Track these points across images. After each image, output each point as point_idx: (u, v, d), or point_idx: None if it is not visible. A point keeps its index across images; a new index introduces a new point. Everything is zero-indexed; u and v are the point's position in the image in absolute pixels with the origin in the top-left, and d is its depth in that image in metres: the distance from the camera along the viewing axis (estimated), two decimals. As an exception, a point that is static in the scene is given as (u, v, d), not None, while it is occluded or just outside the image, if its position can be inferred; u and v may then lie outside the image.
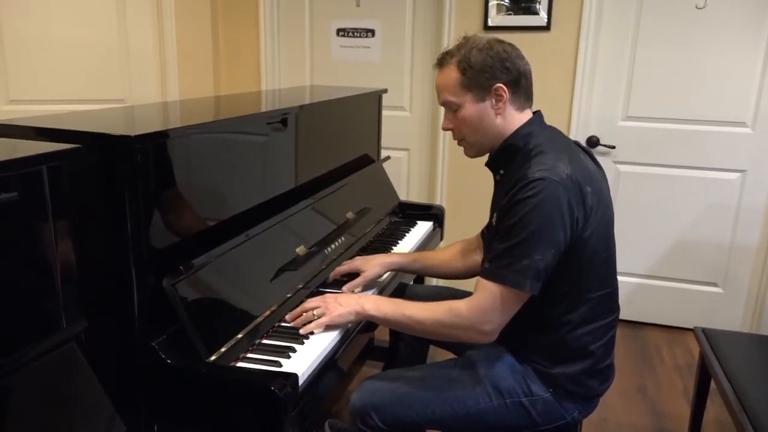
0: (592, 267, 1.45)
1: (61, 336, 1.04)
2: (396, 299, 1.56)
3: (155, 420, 1.31)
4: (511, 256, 1.35)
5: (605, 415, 2.41)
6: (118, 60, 3.06)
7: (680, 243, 3.10)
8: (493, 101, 1.46)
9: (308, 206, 1.88)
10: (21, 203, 0.97)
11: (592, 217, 1.41)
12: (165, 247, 1.34)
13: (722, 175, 2.97)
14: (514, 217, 1.36)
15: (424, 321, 1.45)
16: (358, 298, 1.55)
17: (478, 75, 1.45)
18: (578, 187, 1.38)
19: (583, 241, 1.41)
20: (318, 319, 1.50)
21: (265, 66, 3.41)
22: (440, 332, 1.46)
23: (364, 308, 1.50)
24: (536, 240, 1.34)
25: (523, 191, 1.36)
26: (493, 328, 1.39)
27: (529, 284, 1.35)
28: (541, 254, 1.34)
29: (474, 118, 1.48)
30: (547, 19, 2.95)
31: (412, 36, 3.25)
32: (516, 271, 1.35)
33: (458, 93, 1.48)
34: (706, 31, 2.83)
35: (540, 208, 1.34)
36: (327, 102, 2.19)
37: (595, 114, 3.06)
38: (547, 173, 1.35)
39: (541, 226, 1.34)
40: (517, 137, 1.49)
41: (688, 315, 3.13)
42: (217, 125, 1.57)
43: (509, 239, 1.36)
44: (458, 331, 1.42)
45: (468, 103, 1.47)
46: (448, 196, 3.29)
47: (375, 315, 1.50)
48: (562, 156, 1.41)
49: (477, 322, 1.39)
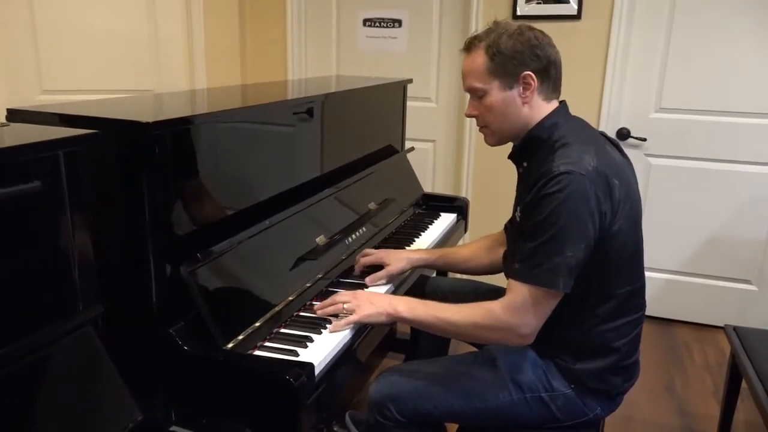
0: (619, 262, 1.41)
1: (77, 321, 1.05)
2: (429, 301, 1.52)
3: (172, 407, 1.32)
4: (541, 255, 1.32)
5: (630, 413, 2.36)
6: (148, 51, 3.09)
7: (713, 238, 3.01)
8: (520, 89, 1.42)
9: (330, 196, 1.87)
10: (37, 188, 0.98)
11: (620, 210, 1.37)
12: (183, 234, 1.34)
13: (758, 169, 2.87)
14: (540, 214, 1.32)
15: (458, 323, 1.40)
16: (391, 299, 1.51)
17: (507, 61, 1.40)
18: (605, 179, 1.34)
19: (612, 235, 1.37)
20: (348, 316, 1.46)
21: (291, 57, 3.41)
22: (476, 335, 1.42)
23: (397, 310, 1.46)
24: (566, 236, 1.30)
25: (548, 186, 1.32)
26: (530, 330, 1.36)
27: (562, 282, 1.31)
28: (572, 250, 1.30)
29: (500, 105, 1.44)
30: (578, 8, 2.88)
31: (439, 26, 3.21)
32: (548, 270, 1.31)
33: (485, 79, 1.43)
34: (744, 20, 2.73)
35: (567, 202, 1.30)
36: (350, 91, 2.18)
37: (626, 105, 2.99)
38: (572, 166, 1.31)
39: (570, 222, 1.30)
40: (541, 129, 1.45)
41: (720, 313, 3.05)
42: (236, 113, 1.57)
43: (538, 237, 1.32)
44: (494, 334, 1.38)
45: (494, 90, 1.43)
46: (473, 188, 3.26)
47: (408, 317, 1.45)
48: (587, 148, 1.37)
49: (513, 325, 1.34)
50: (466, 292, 1.86)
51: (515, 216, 1.52)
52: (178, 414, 1.32)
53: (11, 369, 0.95)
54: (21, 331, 0.97)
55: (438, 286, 1.94)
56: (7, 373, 0.94)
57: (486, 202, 3.17)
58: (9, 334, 0.95)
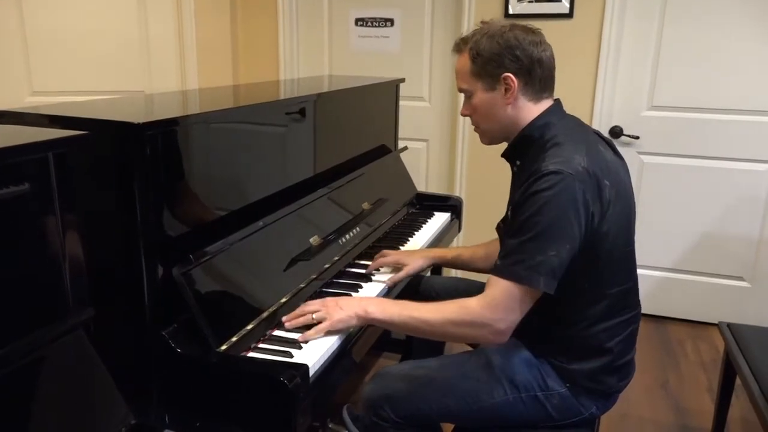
0: (611, 262, 1.40)
1: (68, 324, 1.04)
2: (403, 301, 1.49)
3: (165, 409, 1.30)
4: (524, 252, 1.31)
5: (626, 411, 2.36)
6: (138, 51, 3.07)
7: (706, 236, 3.02)
8: (502, 91, 1.42)
9: (323, 196, 1.86)
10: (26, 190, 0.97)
11: (610, 211, 1.36)
12: (176, 235, 1.33)
13: (750, 166, 2.88)
14: (527, 212, 1.31)
15: (433, 321, 1.37)
16: (361, 300, 1.48)
17: (486, 64, 1.40)
18: (595, 180, 1.33)
19: (601, 236, 1.36)
20: (318, 325, 1.42)
21: (283, 56, 3.40)
22: (451, 332, 1.40)
23: (367, 311, 1.42)
24: (550, 235, 1.29)
25: (536, 184, 1.31)
26: (506, 326, 1.34)
27: (543, 281, 1.30)
28: (556, 250, 1.29)
29: (485, 106, 1.45)
30: (570, 6, 2.88)
31: (431, 25, 3.21)
32: (529, 267, 1.30)
33: (469, 81, 1.44)
34: (737, 18, 2.74)
35: (554, 202, 1.29)
36: (343, 91, 2.17)
37: (619, 103, 3.00)
38: (562, 166, 1.31)
39: (555, 221, 1.29)
40: (532, 128, 1.44)
41: (714, 310, 3.05)
42: (229, 113, 1.56)
43: (522, 234, 1.32)
44: (469, 330, 1.36)
45: (479, 92, 1.44)
46: (467, 187, 3.25)
47: (379, 318, 1.42)
48: (579, 147, 1.36)
49: (489, 320, 1.33)
50: (460, 291, 1.85)
51: (507, 215, 1.52)
52: (171, 417, 1.31)
53: (0, 373, 0.93)
54: (11, 334, 0.96)
55: (432, 285, 1.93)
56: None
57: (479, 201, 3.17)
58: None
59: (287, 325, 1.44)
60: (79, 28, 2.94)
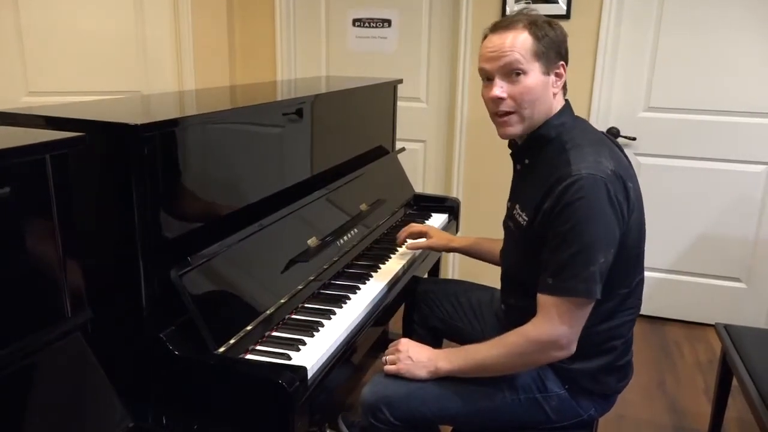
0: (623, 262, 1.39)
1: (65, 326, 1.03)
2: (461, 347, 1.48)
3: (163, 412, 1.30)
4: (576, 266, 1.29)
5: (623, 412, 2.36)
6: (135, 52, 3.06)
7: (702, 237, 3.03)
8: (553, 78, 1.41)
9: (320, 197, 1.86)
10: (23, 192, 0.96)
11: (634, 212, 1.37)
12: (173, 237, 1.33)
13: (747, 167, 2.89)
14: (567, 223, 1.29)
15: (497, 359, 1.38)
16: (430, 355, 1.47)
17: (551, 47, 1.39)
18: (622, 182, 1.33)
19: (624, 237, 1.36)
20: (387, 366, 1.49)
21: (280, 57, 3.39)
22: (520, 363, 1.39)
23: (438, 367, 1.44)
24: (597, 243, 1.29)
25: (570, 192, 1.29)
26: (570, 340, 1.34)
27: (597, 290, 1.30)
28: (604, 256, 1.29)
29: (539, 88, 1.39)
30: (567, 7, 2.89)
31: (429, 26, 3.21)
32: (584, 280, 1.29)
33: (529, 57, 1.38)
34: (733, 18, 2.74)
35: (594, 209, 1.28)
36: (340, 92, 2.17)
37: (616, 104, 3.00)
38: (592, 170, 1.30)
39: (599, 228, 1.29)
40: (548, 127, 1.43)
41: (710, 311, 3.06)
42: (226, 114, 1.55)
43: (569, 247, 1.29)
44: (537, 356, 1.36)
45: (536, 72, 1.39)
46: (464, 188, 3.25)
47: (450, 369, 1.44)
48: (601, 150, 1.36)
49: (552, 340, 1.33)
50: (458, 293, 1.85)
51: (515, 214, 1.50)
52: (169, 419, 1.30)
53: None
54: (9, 337, 0.95)
55: (430, 288, 1.92)
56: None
57: (477, 202, 3.17)
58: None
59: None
60: (75, 28, 2.93)
